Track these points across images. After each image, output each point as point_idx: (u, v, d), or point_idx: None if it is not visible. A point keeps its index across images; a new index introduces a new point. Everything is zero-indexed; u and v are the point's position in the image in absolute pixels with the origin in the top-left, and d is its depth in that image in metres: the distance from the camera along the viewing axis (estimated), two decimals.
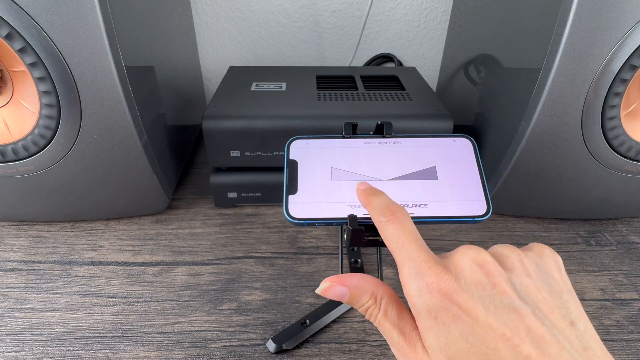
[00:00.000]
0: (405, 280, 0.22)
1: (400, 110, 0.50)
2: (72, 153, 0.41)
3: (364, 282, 0.24)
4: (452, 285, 0.20)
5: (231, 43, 0.75)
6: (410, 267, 0.22)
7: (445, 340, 0.20)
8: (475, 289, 0.20)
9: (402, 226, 0.23)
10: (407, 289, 0.22)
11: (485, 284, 0.21)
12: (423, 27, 0.74)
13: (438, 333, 0.20)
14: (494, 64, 0.50)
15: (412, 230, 0.23)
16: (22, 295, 0.41)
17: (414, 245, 0.22)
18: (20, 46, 0.35)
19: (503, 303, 0.20)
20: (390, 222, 0.24)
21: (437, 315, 0.20)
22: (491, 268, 0.21)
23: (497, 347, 0.19)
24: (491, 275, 0.21)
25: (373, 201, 0.26)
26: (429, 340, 0.20)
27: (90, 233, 0.49)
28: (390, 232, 0.23)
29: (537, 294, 0.21)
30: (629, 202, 0.48)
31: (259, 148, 0.48)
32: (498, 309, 0.20)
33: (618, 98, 0.39)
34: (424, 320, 0.21)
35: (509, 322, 0.19)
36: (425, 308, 0.20)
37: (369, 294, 0.23)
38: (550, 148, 0.42)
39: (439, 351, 0.20)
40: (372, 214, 0.25)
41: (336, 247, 0.48)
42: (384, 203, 0.25)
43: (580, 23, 0.35)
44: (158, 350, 0.36)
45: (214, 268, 0.45)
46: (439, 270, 0.21)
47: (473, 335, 0.19)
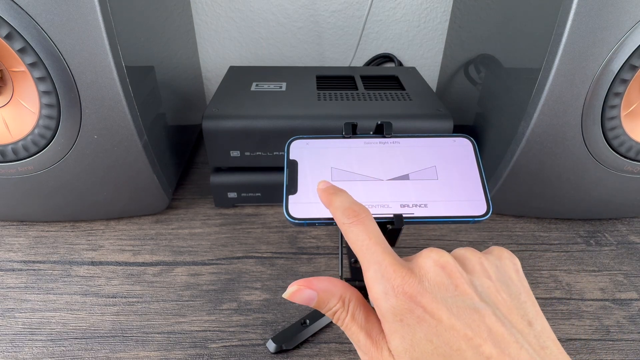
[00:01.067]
0: (371, 284, 0.22)
1: (400, 110, 0.50)
2: (72, 153, 0.41)
3: (332, 286, 0.24)
4: (416, 287, 0.21)
5: (231, 43, 0.75)
6: (376, 270, 0.22)
7: (410, 342, 0.20)
8: (439, 290, 0.21)
9: (366, 228, 0.23)
10: (372, 292, 0.21)
11: (448, 285, 0.21)
12: (423, 27, 0.74)
13: (403, 335, 0.20)
14: (494, 64, 0.50)
15: (376, 232, 0.23)
16: (22, 295, 0.41)
17: (379, 248, 0.22)
18: (20, 46, 0.35)
19: (465, 304, 0.20)
20: (354, 224, 0.23)
21: (403, 317, 0.20)
22: (453, 270, 0.22)
23: (460, 347, 0.19)
24: (453, 276, 0.21)
25: (334, 201, 0.25)
26: (395, 342, 0.20)
27: (90, 233, 0.49)
28: (355, 234, 0.23)
29: (496, 295, 0.21)
30: (629, 202, 0.48)
31: (259, 148, 0.48)
32: (460, 309, 0.20)
33: (618, 98, 0.39)
34: (389, 323, 0.21)
35: (471, 322, 0.20)
36: (390, 311, 0.21)
37: (337, 297, 0.23)
38: (550, 148, 0.42)
39: (404, 353, 0.20)
40: (335, 214, 0.25)
41: (336, 247, 0.48)
42: (345, 203, 0.25)
43: (580, 23, 0.35)
44: (158, 350, 0.36)
45: (214, 268, 0.45)
46: (404, 273, 0.21)
47: (437, 337, 0.20)
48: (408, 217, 0.29)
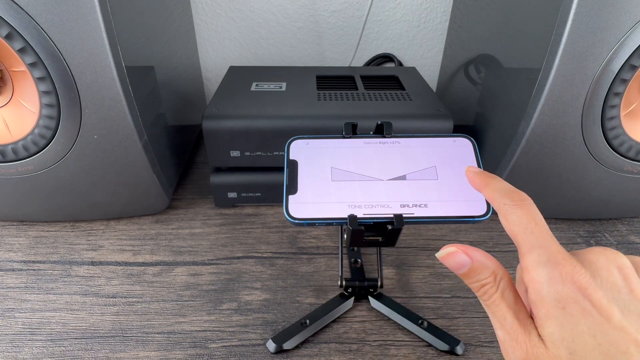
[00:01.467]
0: (532, 266, 0.21)
1: (400, 110, 0.50)
2: (72, 153, 0.41)
3: (487, 259, 0.23)
4: (588, 280, 0.20)
5: (231, 43, 0.75)
6: (541, 254, 0.21)
7: (571, 332, 0.19)
8: (611, 290, 0.20)
9: (531, 213, 0.22)
10: (533, 275, 0.21)
11: (622, 287, 0.20)
12: (423, 27, 0.74)
13: (563, 323, 0.19)
14: (494, 64, 0.50)
15: (542, 220, 0.22)
16: (22, 295, 0.41)
17: (546, 235, 0.22)
18: (20, 46, 0.35)
19: (639, 310, 0.19)
20: (519, 207, 0.23)
21: (566, 305, 0.19)
22: (629, 273, 0.21)
23: (629, 350, 0.18)
24: (629, 280, 0.20)
25: (493, 184, 0.25)
26: (550, 329, 0.20)
27: (90, 233, 0.49)
28: (518, 216, 0.22)
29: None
30: (629, 202, 0.48)
31: (259, 148, 0.48)
32: (633, 314, 0.19)
33: (618, 98, 0.39)
34: (548, 308, 0.20)
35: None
36: (553, 296, 0.20)
37: (490, 270, 0.23)
38: (550, 148, 0.42)
39: (560, 342, 0.19)
40: (493, 196, 0.24)
41: (336, 247, 0.48)
42: (507, 187, 0.24)
43: (580, 23, 0.35)
44: (158, 350, 0.36)
45: (214, 268, 0.45)
46: (575, 263, 0.20)
47: (602, 334, 0.19)
48: (408, 217, 0.29)
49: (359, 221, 0.28)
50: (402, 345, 0.37)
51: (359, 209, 0.29)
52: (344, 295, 0.40)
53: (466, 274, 0.23)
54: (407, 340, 0.37)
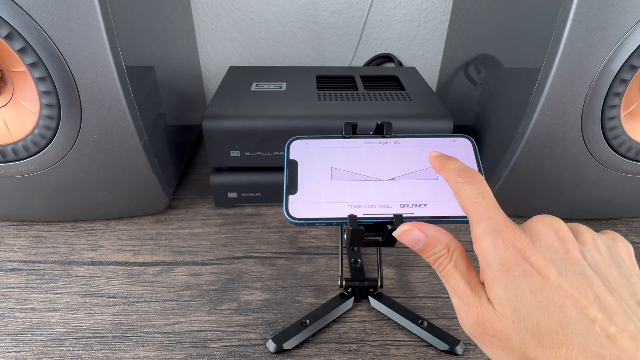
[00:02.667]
0: (480, 236, 0.23)
1: (400, 110, 0.50)
2: (72, 153, 0.41)
3: (440, 233, 0.25)
4: (527, 244, 0.21)
5: (231, 43, 0.75)
6: (487, 224, 0.22)
7: (514, 292, 0.20)
8: (549, 251, 0.21)
9: (480, 188, 0.24)
10: (480, 244, 0.22)
11: (559, 248, 0.21)
12: (423, 27, 0.74)
13: (507, 284, 0.21)
14: (494, 64, 0.50)
15: (490, 194, 0.24)
16: (22, 295, 0.41)
17: (493, 206, 0.23)
18: (20, 46, 0.35)
19: (574, 268, 0.21)
20: (468, 183, 0.24)
21: (509, 268, 0.21)
22: (565, 235, 0.22)
23: (564, 305, 0.19)
24: (565, 241, 0.22)
25: (448, 164, 0.26)
26: (497, 290, 0.21)
27: (90, 233, 0.49)
28: (468, 192, 0.24)
29: (606, 269, 0.21)
30: (629, 202, 0.48)
31: (259, 148, 0.48)
32: (569, 272, 0.20)
33: (618, 98, 0.39)
34: (494, 272, 0.21)
35: (579, 285, 0.20)
36: (498, 261, 0.21)
37: (443, 244, 0.24)
38: (550, 148, 0.42)
39: (505, 302, 0.21)
40: (447, 175, 0.26)
41: (336, 247, 0.48)
42: (460, 166, 0.26)
43: (580, 23, 0.35)
44: (158, 350, 0.36)
45: (214, 268, 0.45)
46: (516, 229, 0.22)
47: (541, 292, 0.20)
48: (408, 217, 0.29)
49: (359, 221, 0.28)
50: (402, 345, 0.37)
51: (359, 209, 0.29)
52: (344, 295, 0.40)
53: (422, 249, 0.25)
54: (407, 340, 0.37)
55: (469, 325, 0.22)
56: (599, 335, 0.19)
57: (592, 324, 0.19)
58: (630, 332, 0.19)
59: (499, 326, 0.20)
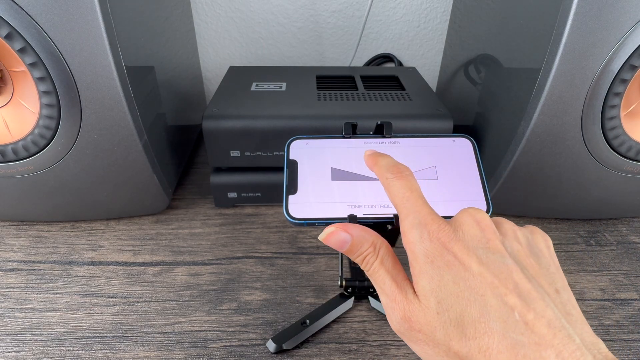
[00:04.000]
0: (407, 229, 0.23)
1: (400, 110, 0.50)
2: (72, 153, 0.41)
3: (365, 232, 0.25)
4: (450, 235, 0.22)
5: (231, 43, 0.75)
6: (414, 217, 0.23)
7: (438, 283, 0.21)
8: (471, 240, 0.22)
9: (408, 183, 0.25)
10: (408, 237, 0.23)
11: (481, 238, 0.22)
12: (423, 27, 0.74)
13: (432, 276, 0.21)
14: (494, 64, 0.50)
15: (417, 188, 0.25)
16: (22, 295, 0.41)
17: (420, 201, 0.24)
18: (20, 46, 0.35)
19: (495, 256, 0.21)
20: (397, 179, 0.25)
21: (434, 260, 0.21)
22: (487, 226, 0.23)
23: (485, 293, 0.20)
24: (486, 231, 0.22)
25: (380, 161, 0.27)
26: (422, 282, 0.21)
27: (90, 233, 0.49)
28: (397, 187, 0.25)
29: (526, 258, 0.22)
30: (629, 202, 0.48)
31: (259, 148, 0.48)
32: (490, 261, 0.21)
33: (618, 98, 0.39)
34: (420, 264, 0.22)
35: (499, 273, 0.21)
36: (423, 253, 0.22)
37: (369, 242, 0.25)
38: (550, 148, 0.42)
39: (430, 293, 0.21)
40: (379, 172, 0.26)
41: None
42: (390, 162, 0.26)
43: (580, 23, 0.35)
44: (158, 350, 0.36)
45: (214, 268, 0.45)
46: (440, 222, 0.23)
47: (464, 281, 0.21)
48: None
49: (359, 221, 0.28)
50: (402, 345, 0.37)
51: (359, 208, 0.29)
52: (344, 295, 0.40)
53: (349, 250, 0.25)
54: None
55: (395, 322, 0.22)
56: (517, 322, 0.19)
57: (511, 311, 0.19)
58: (547, 318, 0.19)
59: (424, 319, 0.21)
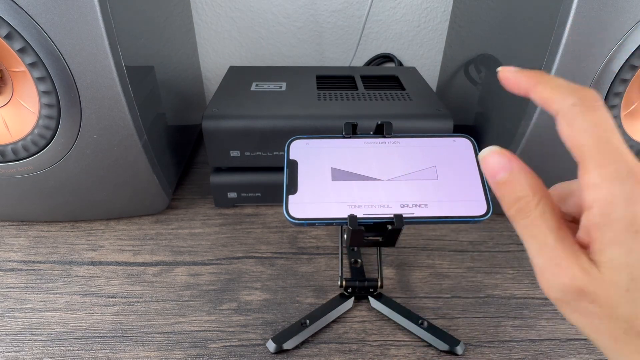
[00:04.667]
0: (606, 182, 0.17)
1: (400, 110, 0.50)
2: (72, 153, 0.41)
3: (528, 174, 0.21)
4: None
5: (231, 43, 0.75)
6: (619, 168, 0.17)
7: (638, 259, 0.17)
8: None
9: (607, 118, 0.18)
10: (604, 193, 0.17)
11: None
12: (423, 27, 0.74)
13: (633, 249, 0.17)
14: (494, 64, 0.50)
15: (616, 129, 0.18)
16: (22, 295, 0.41)
17: (625, 148, 0.18)
18: (20, 46, 0.35)
19: None
20: (591, 110, 0.18)
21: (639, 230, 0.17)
22: None
23: None
24: None
25: (547, 80, 0.20)
26: (614, 254, 0.17)
27: (90, 233, 0.49)
28: (590, 121, 0.18)
29: None
30: None
31: (259, 148, 0.48)
32: None
33: (618, 98, 0.39)
34: (617, 231, 0.17)
35: None
36: (628, 218, 0.17)
37: (530, 185, 0.20)
38: (550, 148, 0.42)
39: (623, 267, 0.17)
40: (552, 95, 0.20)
41: (336, 247, 0.48)
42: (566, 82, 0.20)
43: (580, 23, 0.35)
44: (158, 350, 0.36)
45: (214, 268, 0.45)
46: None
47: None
48: (408, 217, 0.29)
49: (359, 221, 0.28)
50: (402, 345, 0.37)
51: (359, 209, 0.29)
52: (344, 295, 0.40)
53: (503, 186, 0.20)
54: (407, 340, 0.37)
55: (556, 288, 0.18)
56: None
57: None
58: None
59: (605, 293, 0.17)
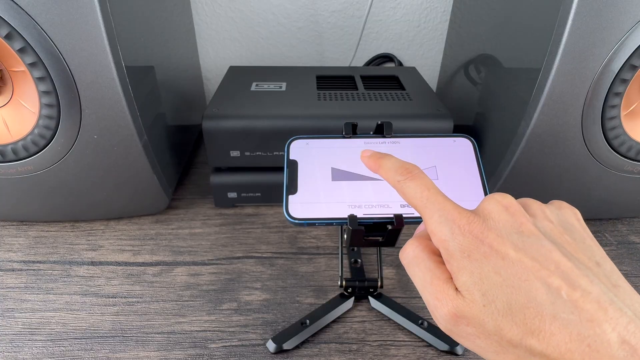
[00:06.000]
0: (436, 228, 0.22)
1: (400, 110, 0.50)
2: (72, 153, 0.41)
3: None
4: (481, 226, 0.21)
5: (231, 43, 0.75)
6: (440, 214, 0.22)
7: (479, 276, 0.20)
8: (503, 228, 0.21)
9: (422, 182, 0.24)
10: (439, 236, 0.22)
11: (512, 223, 0.22)
12: (423, 27, 0.74)
13: (472, 270, 0.21)
14: (494, 64, 0.50)
15: (433, 185, 0.24)
16: (22, 295, 0.41)
17: (440, 197, 0.23)
18: (20, 46, 0.35)
19: (530, 240, 0.21)
20: (409, 179, 0.24)
21: (470, 254, 0.21)
22: (517, 210, 0.22)
23: (528, 278, 0.20)
24: (517, 215, 0.22)
25: (384, 164, 0.26)
26: (463, 278, 0.21)
27: (90, 233, 0.49)
28: (412, 188, 0.24)
29: (560, 236, 0.22)
30: (629, 202, 0.48)
31: (259, 148, 0.48)
32: (526, 245, 0.21)
33: (618, 98, 0.39)
34: (457, 260, 0.21)
35: (538, 256, 0.20)
36: (458, 248, 0.21)
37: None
38: (550, 148, 0.42)
39: (473, 286, 0.20)
40: (387, 175, 0.26)
41: (336, 247, 0.48)
42: (396, 163, 0.26)
43: (580, 23, 0.35)
44: (158, 350, 0.36)
45: (214, 268, 0.45)
46: (468, 214, 0.22)
47: (504, 270, 0.20)
48: (408, 217, 0.29)
49: (359, 221, 0.28)
50: (402, 345, 0.37)
51: (359, 209, 0.29)
52: (344, 295, 0.40)
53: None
54: (407, 340, 0.37)
55: (442, 320, 0.22)
56: (565, 302, 0.19)
57: (557, 292, 0.19)
58: (595, 294, 0.19)
59: (471, 313, 0.20)
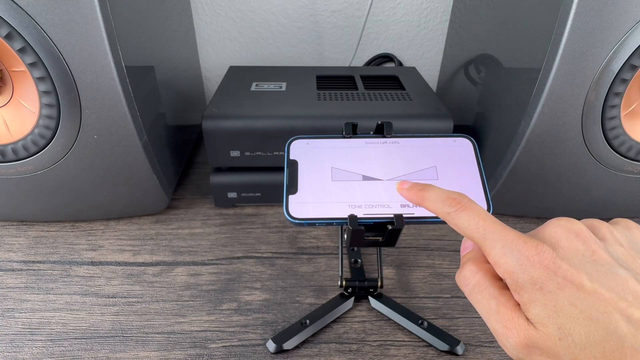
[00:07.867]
0: (501, 259, 0.21)
1: (400, 110, 0.50)
2: (72, 153, 0.41)
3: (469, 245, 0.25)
4: (552, 256, 0.20)
5: (231, 43, 0.75)
6: (504, 245, 0.21)
7: (554, 309, 0.20)
8: (575, 256, 0.21)
9: (475, 212, 0.23)
10: (505, 267, 0.21)
11: (584, 251, 0.21)
12: (423, 27, 0.74)
13: (545, 303, 0.20)
14: (494, 64, 0.50)
15: (486, 213, 0.23)
16: (22, 295, 0.41)
17: (499, 226, 0.22)
18: (20, 46, 0.35)
19: (604, 269, 0.20)
20: (461, 210, 0.23)
21: (542, 286, 0.20)
22: (587, 237, 0.21)
23: (607, 310, 0.19)
24: (588, 243, 0.21)
25: (428, 196, 0.25)
26: (536, 311, 0.20)
27: (90, 233, 0.49)
28: (466, 220, 0.23)
29: (633, 261, 0.21)
30: (629, 202, 0.48)
31: (259, 148, 0.48)
32: (601, 274, 0.20)
33: (618, 98, 0.39)
34: (528, 292, 0.20)
35: (614, 286, 0.19)
36: (529, 280, 0.20)
37: (472, 261, 0.24)
38: (550, 148, 0.42)
39: (547, 320, 0.20)
40: (434, 207, 0.25)
41: (336, 247, 0.48)
42: (441, 194, 0.25)
43: (580, 23, 0.35)
44: (158, 350, 0.36)
45: (214, 268, 0.45)
46: (536, 244, 0.21)
47: (580, 301, 0.19)
48: (408, 217, 0.29)
49: (359, 221, 0.28)
50: (402, 345, 0.37)
51: (359, 209, 0.29)
52: (344, 295, 0.40)
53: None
54: (407, 340, 0.37)
55: (512, 348, 0.21)
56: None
57: (638, 324, 0.18)
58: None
59: (546, 345, 0.20)
